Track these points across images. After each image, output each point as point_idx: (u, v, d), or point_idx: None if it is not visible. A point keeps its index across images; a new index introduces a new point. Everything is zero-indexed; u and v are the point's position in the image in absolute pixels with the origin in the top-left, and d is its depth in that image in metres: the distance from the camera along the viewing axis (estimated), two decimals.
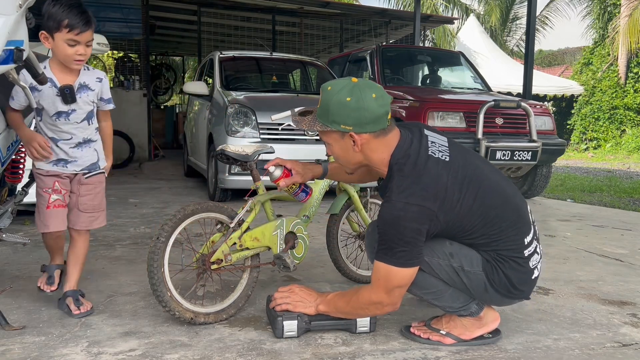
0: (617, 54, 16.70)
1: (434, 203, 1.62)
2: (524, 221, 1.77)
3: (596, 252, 3.39)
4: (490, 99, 5.12)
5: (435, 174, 1.65)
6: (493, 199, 1.72)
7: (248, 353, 1.75)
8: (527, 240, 1.76)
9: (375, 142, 1.70)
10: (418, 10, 9.25)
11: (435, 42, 18.09)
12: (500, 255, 1.73)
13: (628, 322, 2.14)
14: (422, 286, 1.78)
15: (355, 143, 1.69)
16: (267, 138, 4.72)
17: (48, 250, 2.29)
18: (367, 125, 1.66)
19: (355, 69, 7.02)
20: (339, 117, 1.65)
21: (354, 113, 1.64)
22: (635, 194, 6.86)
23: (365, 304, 1.79)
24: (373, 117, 1.65)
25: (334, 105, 1.65)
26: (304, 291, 1.98)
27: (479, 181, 1.71)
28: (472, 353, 1.80)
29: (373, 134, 1.68)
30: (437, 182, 1.64)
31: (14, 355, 1.70)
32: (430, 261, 1.74)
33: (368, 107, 1.64)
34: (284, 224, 2.19)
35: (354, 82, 1.67)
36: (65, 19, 1.85)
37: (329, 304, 1.90)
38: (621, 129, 16.57)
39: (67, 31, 1.87)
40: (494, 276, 1.74)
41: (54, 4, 1.86)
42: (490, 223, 1.70)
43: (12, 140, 2.13)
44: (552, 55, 26.18)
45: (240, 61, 6.43)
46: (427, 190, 1.62)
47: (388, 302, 1.74)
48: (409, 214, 1.60)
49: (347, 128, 1.66)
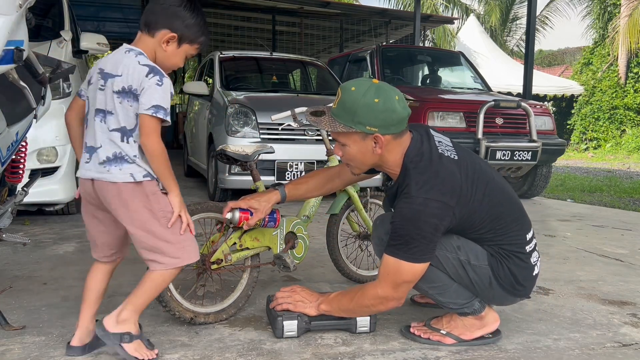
0: (617, 54, 16.70)
1: (451, 198, 1.65)
2: (526, 218, 1.84)
3: (596, 252, 3.39)
4: (490, 99, 5.13)
5: (450, 170, 1.68)
6: (498, 195, 1.77)
7: (248, 353, 1.75)
8: (528, 237, 1.82)
9: (393, 143, 1.72)
10: (418, 10, 9.25)
11: (435, 42, 18.10)
12: (504, 250, 1.78)
13: (628, 322, 2.14)
14: (429, 279, 1.78)
15: (377, 144, 1.70)
16: (267, 138, 4.72)
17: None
18: (392, 127, 1.68)
19: (355, 69, 7.01)
20: (366, 118, 1.65)
21: (381, 115, 1.65)
22: (635, 194, 6.86)
23: (370, 300, 1.78)
24: (399, 118, 1.68)
25: (362, 106, 1.65)
26: (305, 291, 1.97)
27: (486, 179, 1.76)
28: (472, 353, 1.79)
29: (393, 136, 1.70)
30: (453, 178, 1.67)
31: (14, 355, 1.69)
32: (439, 254, 1.74)
33: (395, 109, 1.66)
34: (284, 224, 2.20)
35: (375, 83, 1.69)
36: (202, 36, 1.68)
37: (331, 302, 1.89)
38: (621, 129, 16.57)
39: (196, 47, 1.69)
40: (499, 271, 1.77)
41: (196, 14, 1.65)
42: (497, 219, 1.75)
43: (12, 140, 2.12)
44: (552, 55, 26.17)
45: (240, 61, 6.43)
46: (445, 186, 1.65)
47: (394, 297, 1.73)
48: (428, 209, 1.62)
49: (373, 129, 1.67)
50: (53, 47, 3.95)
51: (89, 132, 1.60)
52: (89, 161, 1.59)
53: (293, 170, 4.72)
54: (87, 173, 1.59)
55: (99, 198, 1.60)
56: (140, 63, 1.55)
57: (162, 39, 1.61)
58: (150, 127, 1.53)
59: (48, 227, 3.71)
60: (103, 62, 1.61)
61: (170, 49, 1.63)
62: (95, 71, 1.61)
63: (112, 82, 1.55)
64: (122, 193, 1.56)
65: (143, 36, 1.63)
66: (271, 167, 4.63)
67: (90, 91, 1.61)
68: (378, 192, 2.63)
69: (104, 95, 1.56)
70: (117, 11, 10.52)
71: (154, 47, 1.62)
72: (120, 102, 1.54)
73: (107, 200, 1.58)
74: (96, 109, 1.57)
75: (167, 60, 1.64)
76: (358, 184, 2.54)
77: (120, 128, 1.55)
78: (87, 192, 1.63)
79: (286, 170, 4.70)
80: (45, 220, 3.95)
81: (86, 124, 1.62)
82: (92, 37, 4.38)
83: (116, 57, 1.59)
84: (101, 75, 1.58)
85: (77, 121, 1.68)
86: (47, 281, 2.48)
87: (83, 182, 1.62)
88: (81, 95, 1.65)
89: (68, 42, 4.16)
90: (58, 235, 3.46)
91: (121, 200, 1.56)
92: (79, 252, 3.05)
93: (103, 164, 1.56)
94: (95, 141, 1.57)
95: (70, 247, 3.16)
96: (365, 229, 2.60)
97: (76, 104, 1.68)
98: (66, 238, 3.40)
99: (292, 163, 4.71)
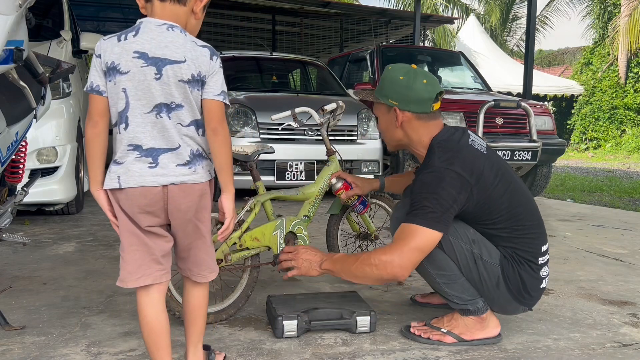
0: (617, 54, 16.70)
1: (471, 176, 1.72)
2: (543, 229, 1.88)
3: (596, 252, 3.39)
4: (490, 99, 5.12)
5: (474, 155, 1.78)
6: (520, 198, 1.83)
7: (248, 353, 1.75)
8: (542, 249, 1.84)
9: (416, 122, 1.85)
10: (418, 10, 9.25)
11: (435, 42, 18.10)
12: (518, 255, 1.80)
13: (628, 322, 2.14)
14: (440, 266, 1.79)
15: (397, 118, 1.85)
16: (267, 138, 4.72)
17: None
18: (410, 104, 1.83)
19: (355, 69, 7.01)
20: (389, 91, 1.86)
21: (401, 90, 1.83)
22: (635, 194, 6.86)
23: (374, 262, 1.71)
24: (417, 98, 1.82)
25: (388, 80, 1.86)
26: (309, 252, 1.94)
27: (510, 179, 1.83)
28: (472, 353, 1.79)
29: (415, 115, 1.84)
30: (475, 161, 1.76)
31: (14, 355, 1.69)
32: (453, 242, 1.77)
33: (415, 88, 1.82)
34: (284, 224, 2.20)
35: (413, 67, 1.87)
36: None
37: (335, 262, 1.85)
38: (621, 129, 16.57)
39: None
40: (509, 272, 1.79)
41: None
42: (515, 217, 1.80)
43: (12, 140, 2.12)
44: (552, 55, 26.18)
45: (240, 61, 6.43)
46: (466, 163, 1.74)
47: (398, 263, 1.68)
48: (448, 178, 1.71)
49: (394, 103, 1.84)
50: (53, 47, 3.96)
51: (143, 132, 1.34)
52: (154, 165, 1.33)
53: (293, 170, 4.72)
54: (159, 179, 1.33)
55: (165, 208, 1.37)
56: (198, 44, 1.37)
57: (193, 6, 1.41)
58: (222, 113, 1.38)
59: (48, 227, 3.71)
60: (137, 44, 1.32)
61: (200, 16, 1.44)
62: (127, 56, 1.31)
63: (176, 70, 1.32)
64: (204, 194, 1.42)
65: (169, 6, 1.36)
66: (271, 167, 4.63)
67: (125, 82, 1.32)
68: (378, 192, 2.63)
69: (164, 86, 1.32)
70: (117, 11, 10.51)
71: (186, 16, 1.40)
72: (190, 91, 1.34)
73: (186, 205, 1.38)
74: (158, 103, 1.32)
75: (196, 29, 1.46)
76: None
77: (195, 121, 1.37)
78: (146, 204, 1.35)
79: (286, 170, 4.70)
80: (45, 220, 3.95)
81: (125, 123, 1.34)
82: (92, 37, 4.38)
83: (161, 38, 1.33)
84: (147, 62, 1.31)
85: (105, 125, 1.38)
86: (47, 281, 2.48)
87: (144, 193, 1.34)
88: (101, 92, 1.34)
89: (68, 42, 4.17)
90: (58, 235, 3.46)
91: (201, 202, 1.41)
92: (79, 252, 3.05)
93: (187, 165, 1.36)
94: (167, 141, 1.35)
95: (70, 247, 3.16)
96: (365, 229, 2.60)
97: (101, 104, 1.36)
98: (66, 238, 3.40)
99: (292, 163, 4.71)
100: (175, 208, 1.37)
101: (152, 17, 1.35)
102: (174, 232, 1.44)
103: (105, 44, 1.34)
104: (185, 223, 1.41)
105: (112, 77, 1.32)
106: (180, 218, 1.39)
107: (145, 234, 1.39)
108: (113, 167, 1.36)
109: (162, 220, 1.40)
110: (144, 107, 1.33)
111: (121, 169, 1.34)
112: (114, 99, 1.34)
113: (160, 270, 1.42)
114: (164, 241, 1.43)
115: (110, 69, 1.32)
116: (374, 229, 2.57)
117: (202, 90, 1.37)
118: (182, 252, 1.48)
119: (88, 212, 4.34)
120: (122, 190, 1.34)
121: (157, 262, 1.42)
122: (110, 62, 1.32)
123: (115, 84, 1.32)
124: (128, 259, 1.40)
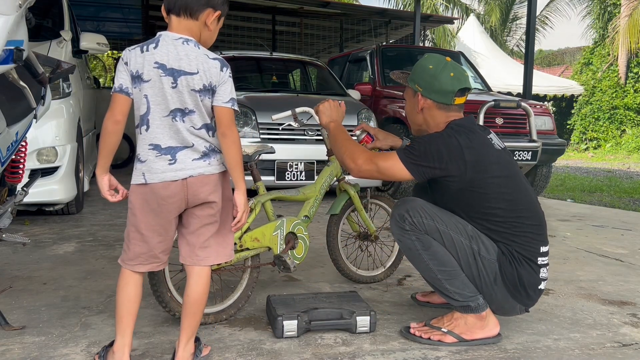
0: (617, 54, 16.70)
1: (470, 154, 1.80)
2: (544, 230, 1.90)
3: (596, 252, 3.39)
4: (490, 99, 5.12)
5: (485, 143, 1.87)
6: (524, 197, 1.87)
7: (248, 353, 1.75)
8: (542, 250, 1.86)
9: (436, 111, 1.94)
10: (418, 10, 9.25)
11: (435, 42, 18.09)
12: (517, 252, 1.83)
13: (628, 322, 2.14)
14: (441, 261, 1.83)
15: (418, 104, 1.96)
16: (267, 138, 4.72)
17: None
18: (433, 93, 1.93)
19: (355, 68, 7.01)
20: (417, 77, 1.97)
21: (428, 78, 1.93)
22: (635, 194, 6.86)
23: (352, 149, 1.94)
24: (440, 88, 1.91)
25: (419, 67, 1.98)
26: (334, 108, 2.17)
27: (518, 180, 1.88)
28: (472, 353, 1.79)
29: (436, 104, 1.93)
30: (482, 146, 1.84)
31: (14, 355, 1.70)
32: (453, 237, 1.82)
33: (441, 78, 1.91)
34: (284, 224, 2.20)
35: (447, 60, 1.96)
36: (226, 5, 1.61)
37: (337, 128, 2.09)
38: (621, 129, 16.57)
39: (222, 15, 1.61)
40: (507, 268, 1.82)
41: None
42: (514, 213, 1.83)
43: (12, 140, 2.12)
44: (552, 55, 26.17)
45: (240, 61, 6.42)
46: (472, 142, 1.82)
47: (359, 164, 1.89)
48: (447, 141, 1.82)
49: (419, 88, 1.96)
50: (53, 47, 3.95)
51: (162, 133, 1.51)
52: (173, 162, 1.51)
53: (293, 170, 4.72)
54: (178, 174, 1.52)
55: (186, 198, 1.54)
56: (210, 57, 1.54)
57: (205, 20, 1.55)
58: (230, 118, 1.57)
59: (48, 227, 3.71)
60: (157, 55, 1.49)
61: (213, 28, 1.59)
62: (149, 66, 1.48)
63: (189, 80, 1.50)
64: (220, 183, 1.59)
65: (184, 21, 1.53)
66: (271, 167, 4.63)
67: (147, 89, 1.49)
68: (378, 192, 2.63)
69: (179, 94, 1.50)
70: (117, 11, 10.51)
71: (199, 29, 1.56)
72: (201, 100, 1.52)
73: (204, 194, 1.55)
74: (173, 109, 1.50)
75: (210, 39, 1.61)
76: (358, 184, 2.54)
77: (205, 125, 1.55)
78: (168, 196, 1.52)
79: (286, 171, 4.70)
80: (45, 220, 3.95)
81: (146, 125, 1.51)
82: (92, 37, 4.38)
83: (177, 51, 1.50)
84: (165, 72, 1.49)
85: (124, 124, 1.54)
86: (47, 281, 2.48)
87: (166, 186, 1.51)
88: (129, 93, 1.50)
89: (68, 42, 4.17)
90: (58, 235, 3.46)
91: (217, 190, 1.58)
92: (79, 252, 3.05)
93: (202, 159, 1.55)
94: (182, 140, 1.52)
95: (70, 247, 3.16)
96: (366, 229, 2.60)
97: (126, 105, 1.52)
98: (66, 238, 3.40)
99: (292, 163, 4.71)
100: (193, 195, 1.54)
101: (170, 30, 1.53)
102: (188, 217, 1.59)
103: (131, 54, 1.51)
104: (201, 208, 1.57)
105: (137, 84, 1.50)
106: (197, 202, 1.56)
107: (148, 234, 1.56)
108: (137, 164, 1.54)
109: (180, 208, 1.56)
110: (163, 111, 1.51)
111: (145, 167, 1.52)
112: (137, 103, 1.52)
113: (156, 262, 1.62)
114: (165, 241, 1.60)
115: (135, 77, 1.50)
116: (374, 229, 2.57)
117: (213, 97, 1.54)
118: (191, 237, 1.61)
119: (88, 212, 4.34)
120: (147, 185, 1.52)
121: (155, 257, 1.61)
122: (135, 70, 1.50)
123: (139, 90, 1.50)
124: (129, 249, 1.60)
